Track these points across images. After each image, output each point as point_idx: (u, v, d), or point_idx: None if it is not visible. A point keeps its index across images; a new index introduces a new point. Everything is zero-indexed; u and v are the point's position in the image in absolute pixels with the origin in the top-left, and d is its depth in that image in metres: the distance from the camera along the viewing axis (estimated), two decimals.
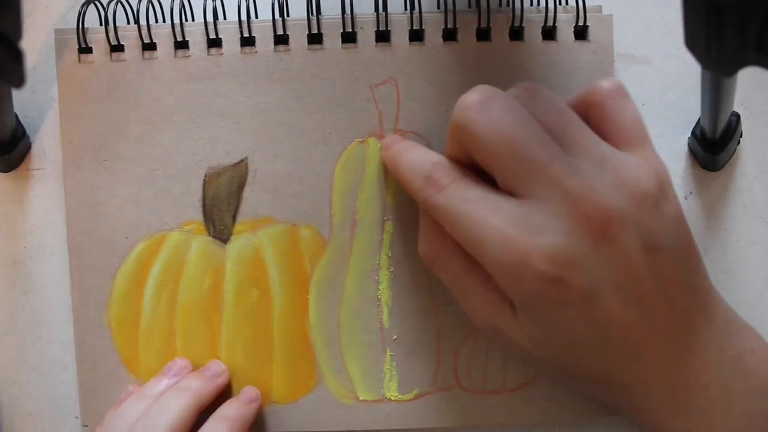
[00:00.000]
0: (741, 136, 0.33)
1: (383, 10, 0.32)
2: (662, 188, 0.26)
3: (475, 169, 0.27)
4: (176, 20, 0.32)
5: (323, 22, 0.32)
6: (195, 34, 0.32)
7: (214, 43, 0.33)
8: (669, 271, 0.26)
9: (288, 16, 0.33)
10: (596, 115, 0.27)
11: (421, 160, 0.28)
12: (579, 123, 0.27)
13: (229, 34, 0.32)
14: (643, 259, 0.25)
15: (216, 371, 0.32)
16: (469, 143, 0.26)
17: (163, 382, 0.31)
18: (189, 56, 0.33)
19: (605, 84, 0.27)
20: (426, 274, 0.33)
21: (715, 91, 0.28)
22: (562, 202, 0.25)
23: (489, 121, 0.25)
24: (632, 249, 0.25)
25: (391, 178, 0.33)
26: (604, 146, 0.26)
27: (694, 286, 0.27)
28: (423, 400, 0.33)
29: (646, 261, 0.25)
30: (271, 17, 0.32)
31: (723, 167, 0.34)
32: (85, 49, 0.32)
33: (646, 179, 0.26)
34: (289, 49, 0.32)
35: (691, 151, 0.34)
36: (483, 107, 0.26)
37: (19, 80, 0.25)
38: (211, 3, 0.32)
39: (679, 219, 0.27)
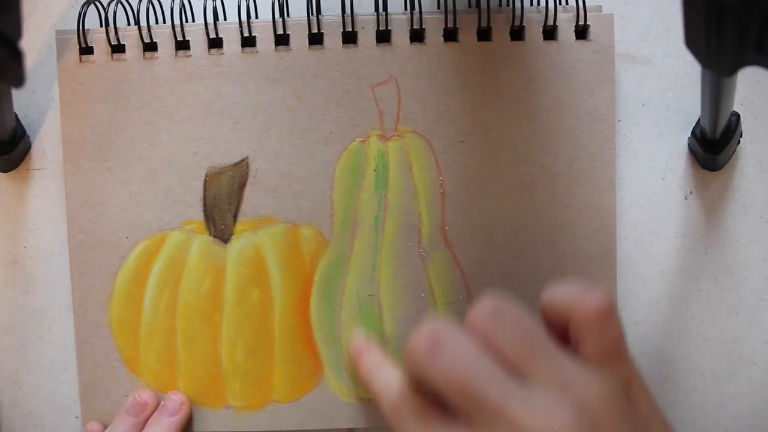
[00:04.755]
0: (741, 136, 0.33)
1: (383, 10, 0.32)
2: (629, 397, 0.26)
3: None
4: (176, 21, 0.32)
5: (324, 22, 0.32)
6: (196, 35, 0.32)
7: (215, 43, 0.33)
8: None
9: (288, 16, 0.33)
10: (576, 331, 0.27)
11: (386, 386, 0.29)
12: (543, 346, 0.26)
13: (230, 34, 0.32)
14: None
15: (173, 409, 0.32)
16: (425, 385, 0.26)
17: (128, 421, 0.32)
18: (190, 56, 0.33)
19: (590, 303, 0.26)
20: (426, 273, 0.33)
21: (715, 91, 0.28)
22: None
23: (438, 369, 0.25)
24: None
25: (393, 178, 0.33)
26: (569, 368, 0.26)
27: None
28: None
29: None
30: (271, 17, 0.32)
31: (723, 167, 0.34)
32: (86, 50, 0.32)
33: (610, 396, 0.25)
34: (290, 49, 0.32)
35: (691, 151, 0.34)
36: (431, 354, 0.26)
37: (19, 80, 0.25)
38: (212, 3, 0.32)
39: (650, 417, 0.27)
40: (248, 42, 0.33)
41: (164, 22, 0.33)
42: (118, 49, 0.33)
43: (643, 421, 0.27)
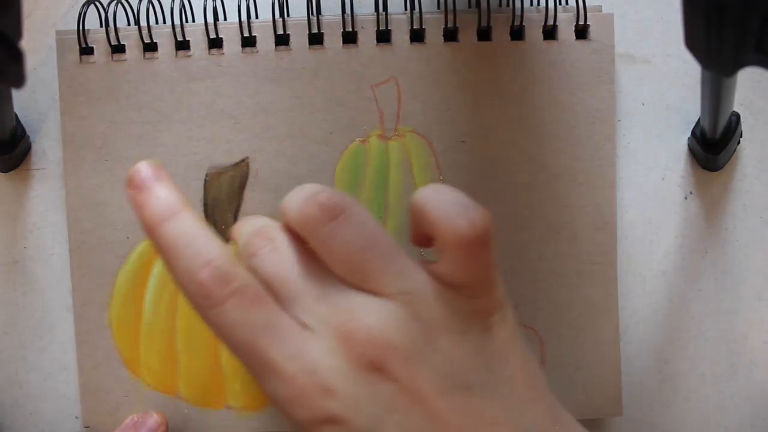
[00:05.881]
0: (741, 136, 0.34)
1: (383, 10, 0.32)
2: (494, 344, 0.23)
3: None
4: (176, 21, 0.32)
5: (324, 22, 0.32)
6: (196, 35, 0.32)
7: (215, 43, 0.33)
8: (485, 415, 0.22)
9: (288, 16, 0.33)
10: (440, 250, 0.23)
11: (196, 257, 0.23)
12: (382, 253, 0.23)
13: (230, 34, 0.32)
14: (443, 400, 0.22)
15: (152, 427, 0.32)
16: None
17: None
18: (190, 56, 0.33)
19: (463, 226, 0.22)
20: None
21: (715, 91, 0.28)
22: (334, 336, 0.22)
23: (265, 262, 0.24)
24: (423, 386, 0.22)
25: (393, 178, 0.33)
26: (410, 276, 0.23)
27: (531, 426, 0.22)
28: None
29: (450, 402, 0.22)
30: (271, 17, 0.32)
31: (723, 167, 0.34)
32: (86, 50, 0.32)
33: (464, 343, 0.22)
34: (290, 49, 0.32)
35: (691, 151, 0.34)
36: (261, 243, 0.24)
37: (19, 80, 0.25)
38: (212, 3, 0.32)
39: (507, 349, 0.23)
40: (248, 42, 0.33)
41: (164, 22, 0.33)
42: (118, 49, 0.33)
43: (498, 350, 0.23)
